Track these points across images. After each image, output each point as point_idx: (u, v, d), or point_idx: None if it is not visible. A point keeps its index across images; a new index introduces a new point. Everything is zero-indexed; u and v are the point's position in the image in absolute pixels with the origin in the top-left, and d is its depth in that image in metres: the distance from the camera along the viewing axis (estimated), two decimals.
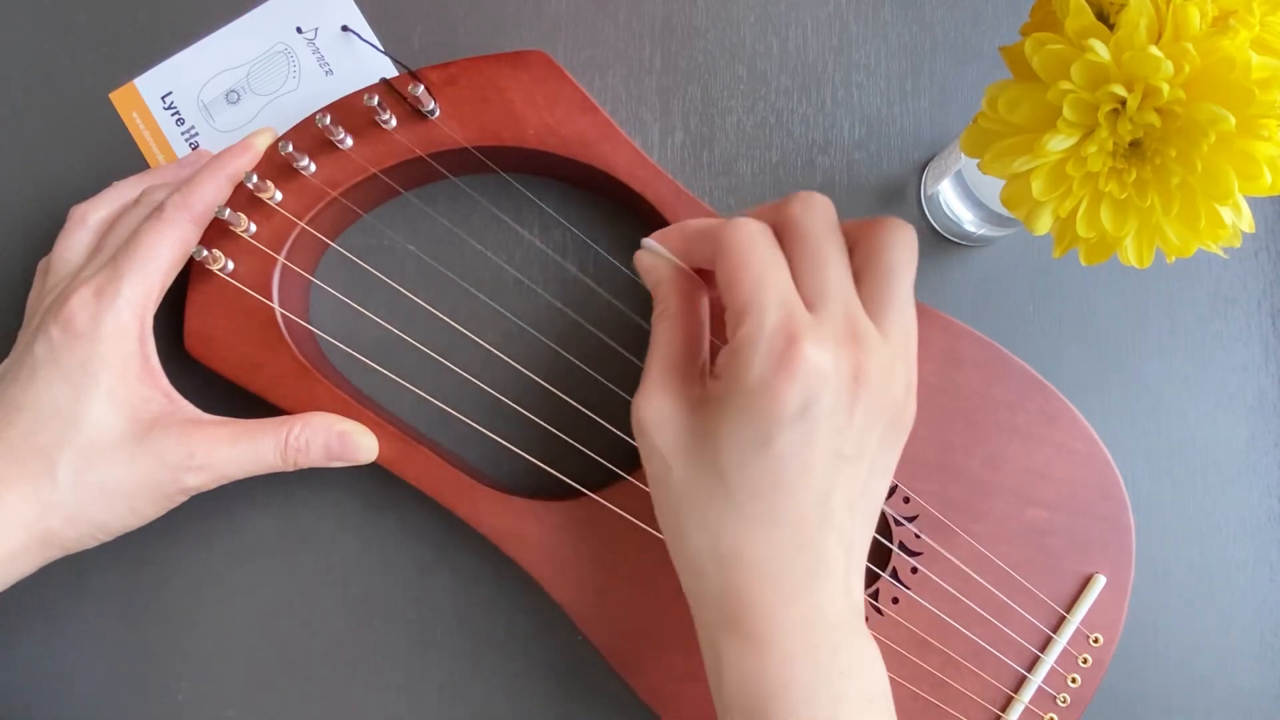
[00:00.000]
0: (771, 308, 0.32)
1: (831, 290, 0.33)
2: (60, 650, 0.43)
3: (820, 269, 0.33)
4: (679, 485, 0.33)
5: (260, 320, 0.40)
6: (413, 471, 0.41)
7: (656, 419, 0.34)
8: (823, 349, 0.31)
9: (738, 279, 0.32)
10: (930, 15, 0.47)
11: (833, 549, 0.33)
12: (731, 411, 0.32)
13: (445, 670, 0.44)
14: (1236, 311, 0.47)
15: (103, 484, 0.37)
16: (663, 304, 0.36)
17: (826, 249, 0.34)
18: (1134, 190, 0.30)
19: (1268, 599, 0.46)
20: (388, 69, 0.44)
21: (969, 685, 0.42)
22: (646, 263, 0.37)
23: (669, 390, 0.34)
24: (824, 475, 0.32)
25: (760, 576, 0.32)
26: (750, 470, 0.32)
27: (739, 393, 0.32)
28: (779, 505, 0.32)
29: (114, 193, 0.41)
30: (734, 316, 0.32)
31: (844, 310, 0.33)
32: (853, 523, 0.34)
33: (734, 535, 0.32)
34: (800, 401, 0.31)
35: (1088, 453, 0.42)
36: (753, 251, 0.33)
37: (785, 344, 0.31)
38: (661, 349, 0.35)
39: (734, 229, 0.33)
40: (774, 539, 0.32)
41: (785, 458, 0.32)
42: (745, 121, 0.46)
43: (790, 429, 0.31)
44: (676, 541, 0.34)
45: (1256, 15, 0.28)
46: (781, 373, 0.31)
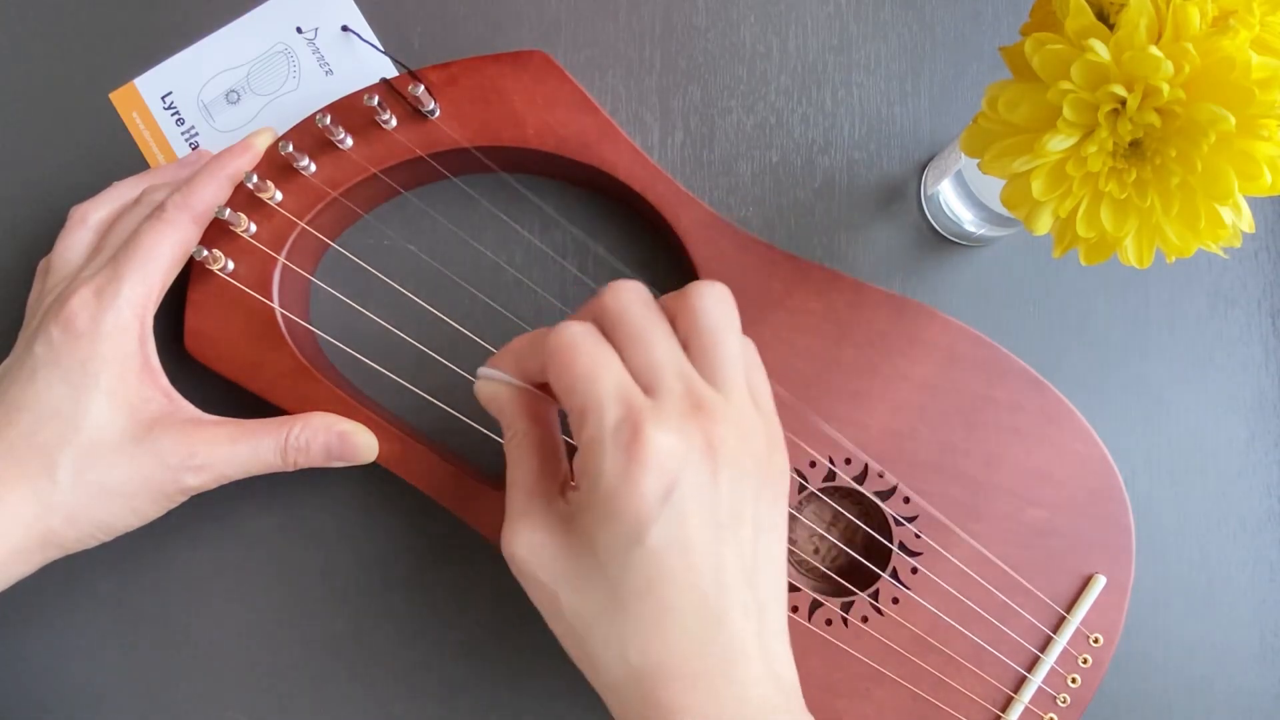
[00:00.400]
0: (608, 403, 0.30)
1: (662, 368, 0.32)
2: (60, 650, 0.43)
3: (647, 350, 0.32)
4: (570, 610, 0.32)
5: (260, 320, 0.40)
6: (413, 471, 0.41)
7: (528, 551, 0.33)
8: (668, 430, 0.30)
9: (570, 382, 0.31)
10: (930, 15, 0.47)
11: (740, 626, 0.32)
12: (598, 518, 0.31)
13: (445, 670, 0.44)
14: (1236, 311, 0.47)
15: (103, 484, 0.36)
16: (511, 428, 0.35)
17: (648, 328, 0.32)
18: (1134, 190, 0.30)
19: (1268, 599, 0.46)
20: (388, 69, 0.44)
21: (969, 685, 0.42)
22: (487, 392, 0.35)
23: (534, 516, 0.33)
24: (708, 552, 0.31)
25: (676, 679, 0.31)
26: (633, 572, 0.31)
27: (599, 496, 0.31)
28: (672, 597, 0.31)
29: (114, 193, 0.41)
30: (576, 419, 0.31)
31: (681, 385, 0.32)
32: (754, 591, 0.32)
33: (639, 644, 0.31)
34: (661, 488, 0.30)
35: (1088, 453, 0.42)
36: (578, 351, 0.31)
37: (630, 436, 0.30)
38: (519, 475, 0.34)
39: (557, 334, 0.32)
40: (678, 635, 0.31)
41: (663, 549, 0.30)
42: (745, 121, 0.46)
43: (658, 520, 0.30)
44: (586, 666, 0.33)
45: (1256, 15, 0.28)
46: (633, 465, 0.30)
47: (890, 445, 0.42)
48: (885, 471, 0.42)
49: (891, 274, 0.46)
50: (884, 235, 0.46)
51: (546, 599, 0.33)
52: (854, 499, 0.43)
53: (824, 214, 0.46)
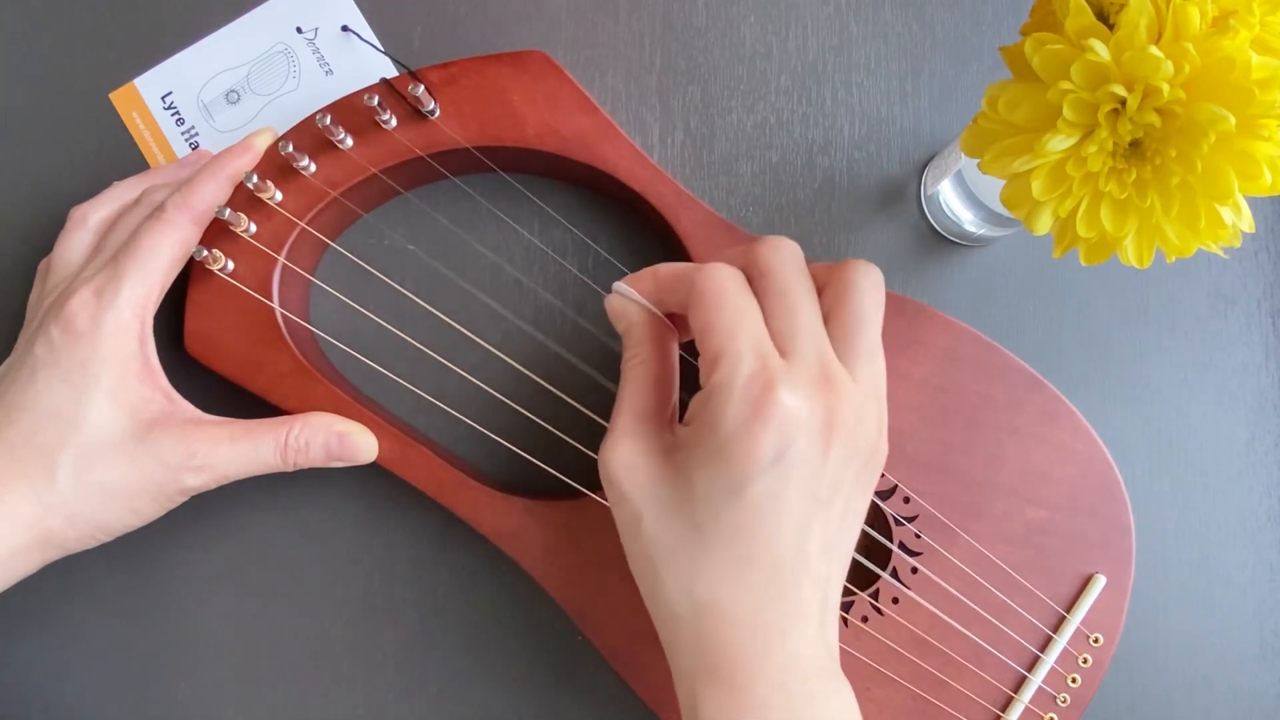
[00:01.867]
0: (745, 355, 0.31)
1: (803, 335, 0.33)
2: (60, 650, 0.43)
3: (792, 314, 0.33)
4: (650, 534, 0.33)
5: (260, 320, 0.40)
6: (413, 471, 0.41)
7: (626, 466, 0.33)
8: (797, 395, 0.31)
9: (712, 325, 0.32)
10: (930, 15, 0.47)
11: (808, 594, 0.33)
12: (704, 458, 0.32)
13: (445, 670, 0.44)
14: (1236, 311, 0.47)
15: (103, 484, 0.36)
16: (634, 349, 0.35)
17: (797, 293, 0.33)
18: (1134, 190, 0.30)
19: (1268, 599, 0.46)
20: (388, 69, 0.44)
21: (969, 685, 0.42)
22: (617, 307, 0.36)
23: (639, 438, 0.34)
24: (799, 520, 0.32)
25: (737, 624, 0.32)
26: (724, 518, 0.32)
27: (712, 440, 0.31)
28: (754, 552, 0.32)
29: (114, 193, 0.41)
30: (708, 362, 0.32)
31: (816, 355, 0.33)
32: (828, 567, 0.33)
33: (709, 583, 0.32)
34: (775, 448, 0.31)
35: (1088, 453, 0.42)
36: (726, 298, 0.33)
37: (760, 391, 0.31)
38: (632, 396, 0.35)
39: (707, 275, 0.33)
40: (750, 586, 0.32)
41: (760, 505, 0.31)
42: (745, 121, 0.46)
43: (764, 476, 0.31)
44: (650, 590, 0.34)
45: (1256, 15, 0.28)
46: (756, 420, 0.31)
47: (890, 445, 0.42)
48: (885, 471, 0.42)
49: (891, 274, 0.46)
50: (884, 235, 0.46)
51: (629, 517, 0.34)
52: None
53: (824, 214, 0.46)
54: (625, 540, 0.34)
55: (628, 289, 0.36)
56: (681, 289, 0.34)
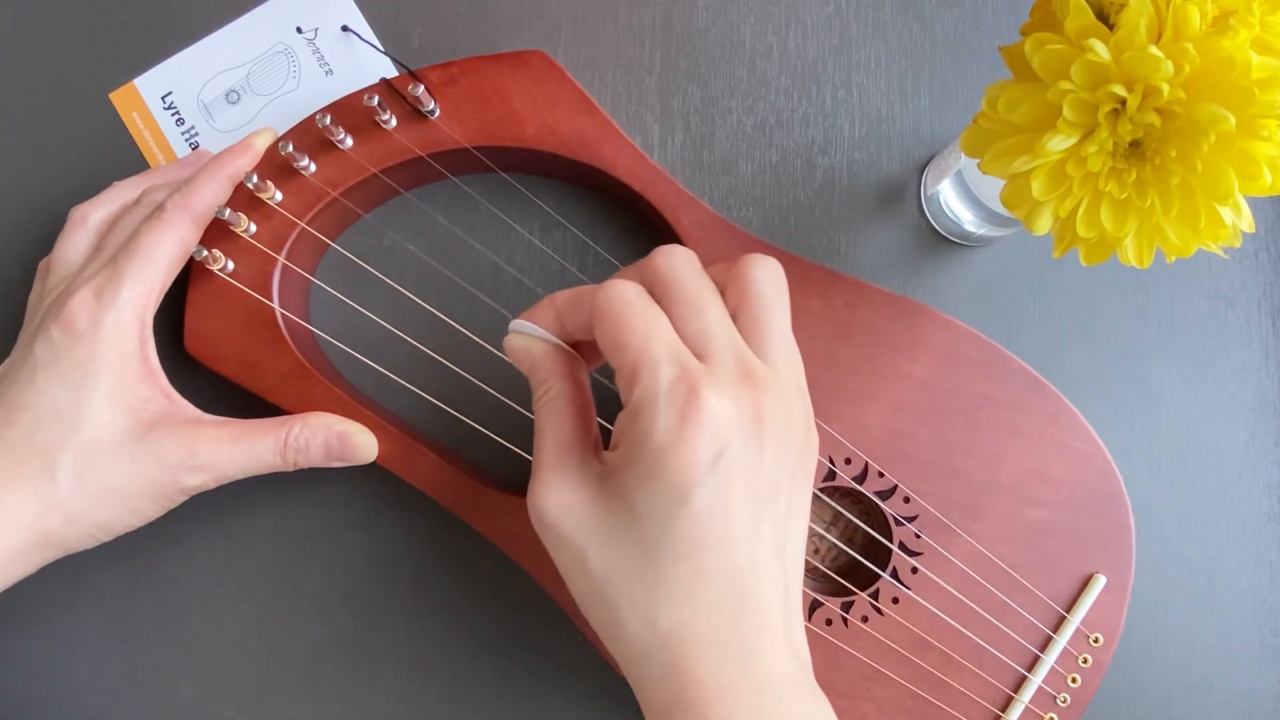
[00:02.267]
0: (663, 362, 0.30)
1: (715, 335, 0.32)
2: (60, 650, 0.43)
3: (700, 316, 0.32)
4: (599, 570, 0.32)
5: (260, 320, 0.40)
6: (413, 471, 0.41)
7: (560, 506, 0.32)
8: (723, 395, 0.30)
9: (623, 339, 0.31)
10: (930, 15, 0.47)
11: (771, 599, 0.32)
12: (642, 476, 0.30)
13: (445, 670, 0.44)
14: (1236, 311, 0.47)
15: (103, 484, 0.36)
16: (544, 385, 0.34)
17: (702, 295, 0.32)
18: (1134, 190, 0.30)
19: (1268, 599, 0.46)
20: (388, 69, 0.44)
21: (969, 685, 0.42)
22: (519, 345, 0.35)
23: (567, 474, 0.33)
24: (747, 523, 0.31)
25: (706, 646, 0.31)
26: (673, 533, 0.30)
27: (646, 454, 0.30)
28: (710, 564, 0.31)
29: (114, 193, 0.41)
30: (626, 378, 0.31)
31: (732, 353, 0.32)
32: (784, 570, 0.32)
33: (671, 606, 0.31)
34: (711, 451, 0.30)
35: (1088, 453, 0.42)
36: (632, 309, 0.31)
37: (686, 396, 0.30)
38: (551, 432, 0.34)
39: (608, 290, 0.32)
40: (714, 604, 0.31)
41: (707, 513, 0.30)
42: (745, 121, 0.46)
43: (706, 482, 0.30)
44: (609, 630, 0.32)
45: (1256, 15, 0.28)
46: (687, 426, 0.30)
47: (890, 445, 0.42)
48: (885, 471, 0.42)
49: (891, 274, 0.46)
50: (884, 235, 0.46)
51: (573, 558, 0.32)
52: (854, 499, 0.43)
53: (824, 214, 0.46)
54: (571, 582, 0.33)
55: (526, 324, 0.35)
56: (583, 310, 0.34)
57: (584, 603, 0.33)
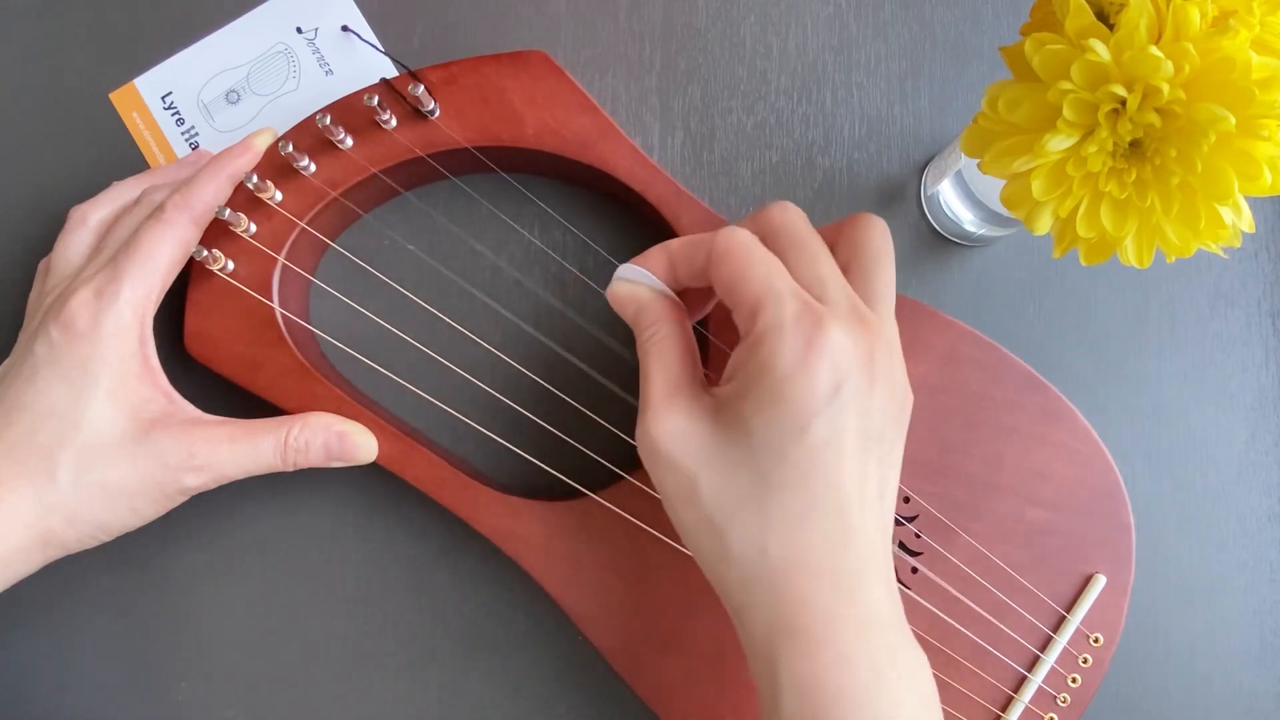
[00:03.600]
0: (787, 297, 0.32)
1: (830, 281, 0.33)
2: (60, 650, 0.43)
3: (814, 264, 0.34)
4: (711, 496, 0.32)
5: (260, 320, 0.40)
6: (413, 471, 0.41)
7: (673, 434, 0.33)
8: (844, 332, 0.32)
9: (744, 276, 0.33)
10: (930, 15, 0.47)
11: (875, 538, 0.33)
12: (761, 403, 0.32)
13: (445, 670, 0.44)
14: (1236, 311, 0.47)
15: (103, 484, 0.37)
16: (653, 327, 0.35)
17: (815, 245, 0.34)
18: (1134, 190, 0.30)
19: (1268, 599, 0.46)
20: (388, 69, 0.44)
21: (969, 685, 0.42)
22: (625, 292, 0.36)
23: (679, 406, 0.33)
24: (857, 460, 0.32)
25: (815, 574, 0.32)
26: (789, 461, 0.32)
27: (768, 382, 0.31)
28: (823, 495, 0.32)
29: (114, 193, 0.41)
30: (747, 313, 0.32)
31: (847, 299, 0.33)
32: (883, 511, 0.33)
33: (782, 533, 0.32)
34: (832, 382, 0.31)
35: (1088, 453, 0.42)
36: (753, 252, 0.33)
37: (811, 326, 0.31)
38: (660, 369, 0.35)
39: (727, 235, 0.33)
40: (823, 531, 0.32)
41: (823, 443, 0.31)
42: (745, 121, 0.46)
43: (824, 412, 0.31)
44: (716, 556, 0.33)
45: (1256, 15, 0.28)
46: (811, 355, 0.31)
47: None
48: None
49: None
50: None
51: (683, 485, 0.33)
52: None
53: (824, 214, 0.46)
54: (679, 511, 0.33)
55: (637, 270, 0.36)
56: (700, 254, 0.35)
57: (690, 530, 0.34)
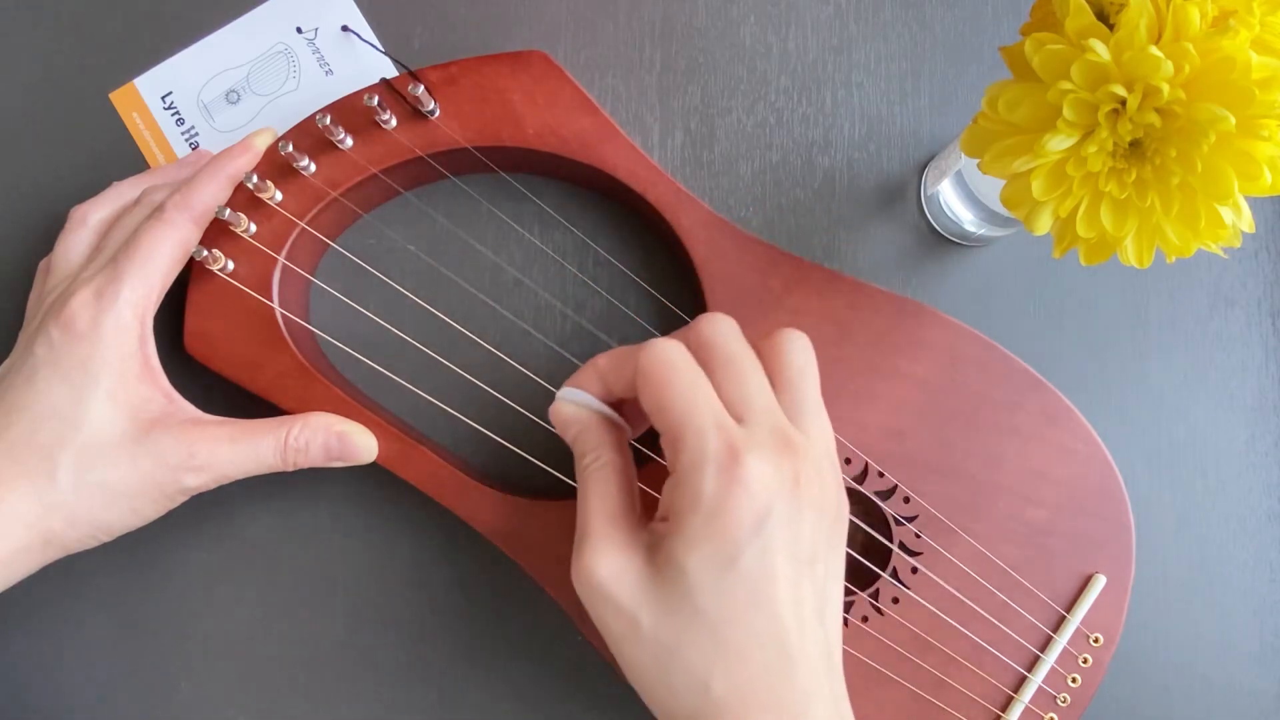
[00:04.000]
0: (708, 428, 0.31)
1: (755, 401, 0.33)
2: (60, 650, 0.43)
3: (742, 383, 0.33)
4: (652, 636, 0.32)
5: (260, 320, 0.40)
6: (413, 471, 0.41)
7: (612, 574, 0.32)
8: (764, 461, 0.31)
9: (668, 403, 0.32)
10: (930, 15, 0.47)
11: (815, 664, 0.32)
12: (692, 541, 0.31)
13: (445, 670, 0.44)
14: (1236, 311, 0.47)
15: (103, 484, 0.36)
16: (593, 453, 0.35)
17: (744, 361, 0.34)
18: (1134, 190, 0.30)
19: (1268, 599, 0.46)
20: (388, 69, 0.44)
21: (969, 685, 0.42)
22: (568, 413, 0.36)
23: (616, 542, 0.33)
24: (790, 585, 0.32)
25: (759, 708, 0.31)
26: (724, 595, 0.31)
27: (696, 519, 0.31)
28: (760, 625, 0.31)
29: (114, 193, 0.41)
30: (670, 443, 0.32)
31: (771, 420, 0.33)
32: (825, 631, 0.33)
33: (724, 669, 0.31)
34: (755, 514, 0.31)
35: (1088, 453, 0.42)
36: (677, 373, 0.33)
37: (729, 459, 0.31)
38: (599, 500, 0.34)
39: (652, 351, 0.33)
40: (763, 664, 0.32)
41: (754, 573, 0.31)
42: (745, 121, 0.46)
43: (751, 542, 0.31)
44: (661, 694, 0.33)
45: (1256, 15, 0.28)
46: (733, 488, 0.31)
47: (890, 445, 0.42)
48: (885, 471, 0.42)
49: (891, 274, 0.46)
50: (884, 235, 0.46)
51: (624, 624, 0.33)
52: (854, 499, 0.43)
53: (824, 214, 0.46)
54: (622, 650, 0.33)
55: (577, 393, 0.36)
56: (627, 370, 0.34)
57: (633, 668, 0.33)
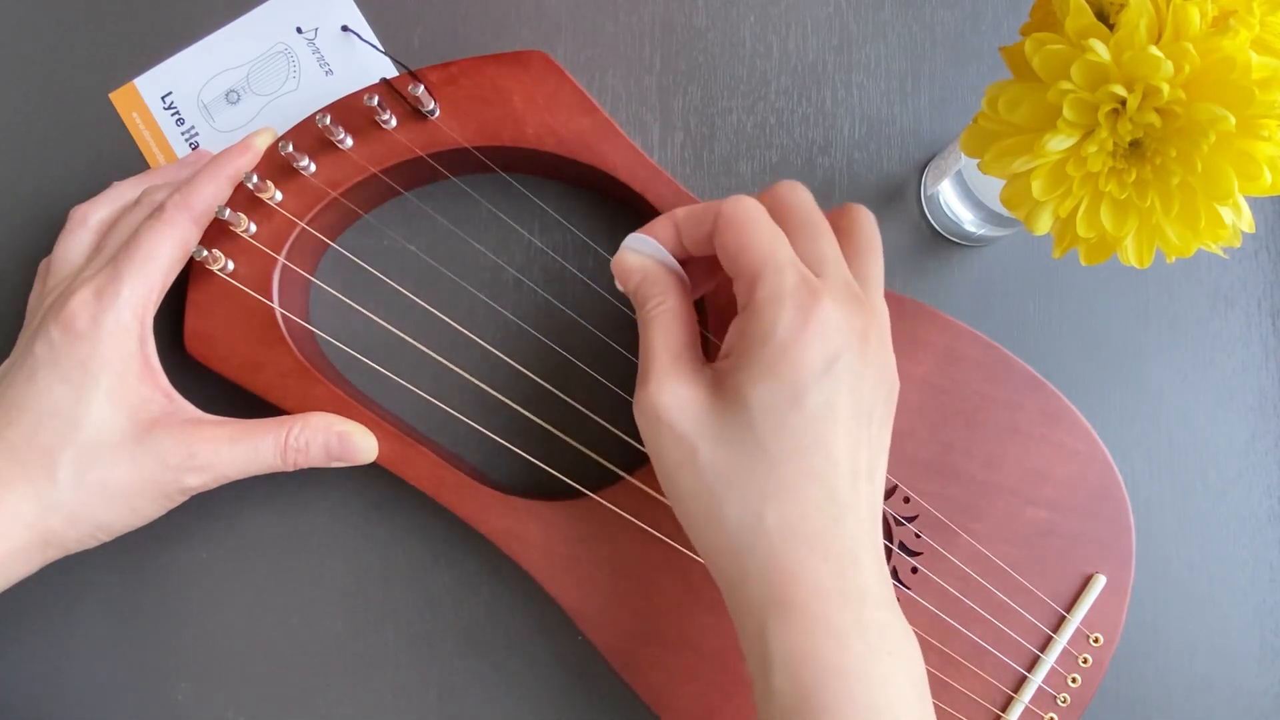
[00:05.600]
0: (787, 268, 0.32)
1: (830, 259, 0.34)
2: (60, 650, 0.43)
3: (817, 241, 0.34)
4: (709, 464, 0.33)
5: (260, 320, 0.40)
6: (413, 471, 0.41)
7: (674, 402, 0.33)
8: (839, 307, 0.33)
9: (748, 244, 0.33)
10: (930, 15, 0.47)
11: (865, 516, 0.33)
12: (759, 373, 0.32)
13: (445, 670, 0.44)
14: (1236, 311, 0.47)
15: (103, 484, 0.37)
16: (656, 297, 0.36)
17: (820, 224, 0.35)
18: (1134, 190, 0.30)
19: (1268, 599, 0.46)
20: (388, 69, 0.44)
21: (969, 685, 0.42)
22: (632, 263, 0.36)
23: (681, 374, 0.34)
24: (850, 434, 0.33)
25: (810, 546, 0.32)
26: (786, 430, 0.32)
27: (765, 352, 0.32)
28: (818, 465, 0.32)
29: (114, 193, 0.41)
30: (747, 281, 0.33)
31: (843, 277, 0.34)
32: (873, 491, 0.34)
33: (779, 502, 0.32)
34: (826, 355, 0.32)
35: (1088, 453, 0.42)
36: (757, 222, 0.34)
37: (808, 298, 0.32)
38: (663, 337, 0.35)
39: (734, 203, 0.34)
40: (818, 503, 0.32)
41: (818, 413, 0.32)
42: (745, 121, 0.46)
43: (819, 383, 0.32)
44: (710, 523, 0.33)
45: (1256, 15, 0.28)
46: (808, 326, 0.32)
47: (890, 445, 0.42)
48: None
49: (891, 274, 0.46)
50: (884, 235, 0.45)
51: (683, 452, 0.33)
52: None
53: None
54: (676, 480, 0.34)
55: (646, 240, 0.36)
56: (706, 220, 0.35)
57: (686, 497, 0.34)
